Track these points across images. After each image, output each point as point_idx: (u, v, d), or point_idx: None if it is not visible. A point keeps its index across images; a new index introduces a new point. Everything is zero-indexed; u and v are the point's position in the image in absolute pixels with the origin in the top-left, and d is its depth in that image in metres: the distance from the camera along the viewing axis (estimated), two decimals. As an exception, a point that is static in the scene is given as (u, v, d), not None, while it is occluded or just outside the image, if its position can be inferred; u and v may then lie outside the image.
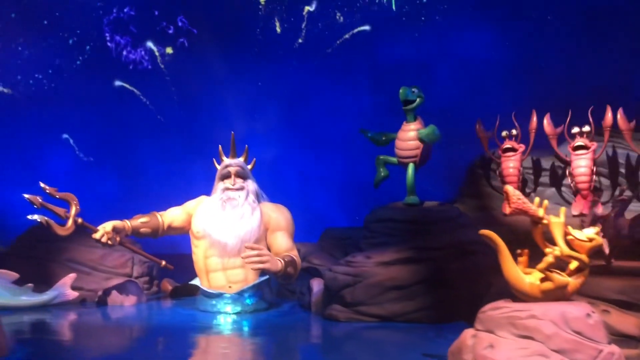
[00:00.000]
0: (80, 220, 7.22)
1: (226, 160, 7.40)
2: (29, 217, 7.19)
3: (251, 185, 7.36)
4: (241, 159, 7.49)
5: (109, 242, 7.04)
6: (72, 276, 7.58)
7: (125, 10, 23.27)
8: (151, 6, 19.14)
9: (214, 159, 7.63)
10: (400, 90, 7.13)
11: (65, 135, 32.37)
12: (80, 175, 33.54)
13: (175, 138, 35.48)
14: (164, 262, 7.70)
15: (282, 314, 7.03)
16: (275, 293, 7.88)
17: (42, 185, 7.25)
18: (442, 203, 7.56)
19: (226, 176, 7.28)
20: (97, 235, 7.03)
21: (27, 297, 7.08)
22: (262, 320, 6.67)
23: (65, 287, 7.49)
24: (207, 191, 7.46)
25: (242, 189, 7.21)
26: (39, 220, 7.03)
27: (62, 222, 7.15)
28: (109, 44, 26.28)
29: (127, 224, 7.33)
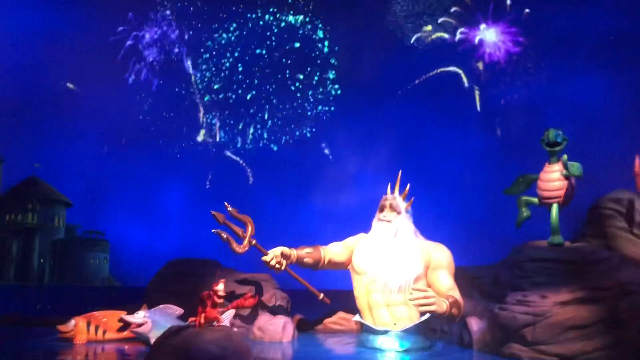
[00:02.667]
0: (254, 241, 7.62)
1: (384, 196, 7.72)
2: (214, 231, 7.57)
3: (403, 220, 7.58)
4: (397, 194, 7.76)
5: (277, 265, 7.44)
6: (231, 312, 7.94)
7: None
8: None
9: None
10: (550, 133, 7.40)
11: (177, 171, 33.28)
12: (192, 210, 34.38)
13: (289, 175, 36.05)
14: (322, 295, 7.94)
15: (443, 352, 7.10)
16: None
17: (225, 204, 7.63)
18: (575, 242, 7.73)
19: (381, 209, 7.60)
20: (267, 258, 7.43)
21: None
22: (428, 358, 6.76)
23: (226, 323, 7.85)
24: (314, 229, 7.85)
25: (394, 220, 7.47)
26: (223, 235, 7.43)
27: (239, 241, 7.56)
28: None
29: (294, 252, 7.68)
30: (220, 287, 4.18)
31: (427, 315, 7.10)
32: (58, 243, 33.96)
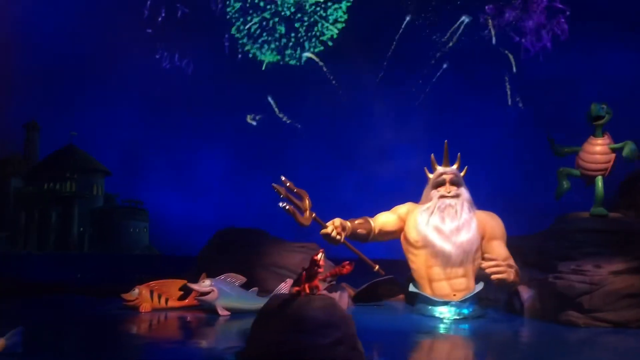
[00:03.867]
0: (314, 214, 7.61)
1: (440, 169, 7.79)
2: (280, 204, 7.45)
3: (465, 193, 7.76)
4: (455, 167, 7.85)
5: (338, 237, 7.51)
6: (289, 281, 8.28)
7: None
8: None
9: (425, 168, 8.07)
10: (592, 107, 7.75)
11: (218, 141, 34.07)
12: (232, 180, 35.07)
13: (324, 145, 36.52)
14: (377, 267, 7.98)
15: (497, 320, 7.37)
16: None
17: (282, 178, 7.62)
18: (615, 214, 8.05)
19: (441, 184, 7.71)
20: (327, 230, 7.50)
21: (255, 301, 7.64)
22: (488, 325, 7.09)
23: (284, 291, 8.22)
24: (349, 200, 7.95)
25: (457, 196, 7.63)
26: (287, 208, 7.40)
27: (301, 213, 7.56)
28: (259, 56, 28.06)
29: (348, 224, 7.77)
30: (319, 257, 4.43)
31: (481, 285, 7.49)
32: (97, 212, 34.82)
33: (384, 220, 8.07)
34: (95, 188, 35.68)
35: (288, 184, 7.58)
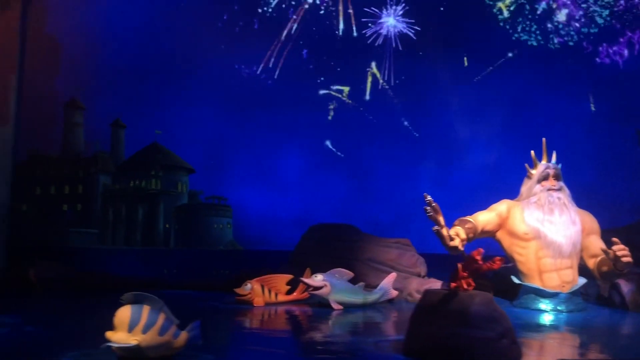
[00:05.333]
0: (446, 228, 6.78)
1: (543, 164, 7.97)
2: (434, 228, 6.41)
3: (566, 187, 7.90)
4: (554, 162, 8.01)
5: (461, 249, 6.83)
6: (393, 275, 8.30)
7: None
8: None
9: (526, 164, 8.14)
10: None
11: (298, 137, 34.46)
12: (311, 176, 35.48)
13: (402, 142, 36.67)
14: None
15: (601, 313, 7.43)
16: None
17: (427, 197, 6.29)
18: None
19: (545, 178, 7.85)
20: (456, 244, 6.71)
21: (362, 295, 7.78)
22: (598, 318, 7.10)
23: (389, 286, 8.20)
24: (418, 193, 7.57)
25: (561, 189, 7.81)
26: (439, 230, 6.43)
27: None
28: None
29: (462, 233, 7.30)
30: (479, 254, 4.36)
31: (585, 279, 7.61)
32: (182, 208, 35.59)
33: (485, 219, 8.09)
34: (180, 185, 36.47)
35: (434, 204, 6.33)
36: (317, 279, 7.61)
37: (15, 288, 9.98)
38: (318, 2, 33.39)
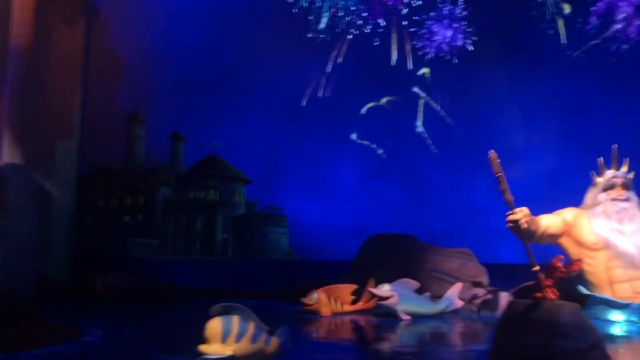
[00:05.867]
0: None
1: (610, 172, 7.79)
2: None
3: (634, 197, 7.73)
4: (624, 170, 7.81)
5: (524, 225, 6.72)
6: (458, 285, 8.25)
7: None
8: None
9: (592, 172, 7.97)
10: None
11: (350, 147, 34.57)
12: (366, 185, 35.47)
13: (455, 149, 36.30)
14: (538, 267, 7.77)
15: None
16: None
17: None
18: None
19: (611, 187, 7.69)
20: (517, 217, 6.55)
21: (429, 306, 7.75)
22: None
23: (455, 296, 8.16)
24: (482, 203, 7.37)
25: (628, 199, 7.63)
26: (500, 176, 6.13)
27: None
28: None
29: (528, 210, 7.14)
30: (559, 259, 4.28)
31: None
32: (239, 218, 35.98)
33: (549, 221, 7.96)
34: (237, 195, 36.90)
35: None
36: (385, 289, 7.65)
37: (82, 297, 10.25)
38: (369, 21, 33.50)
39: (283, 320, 7.58)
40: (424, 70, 34.26)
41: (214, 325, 4.15)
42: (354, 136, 34.91)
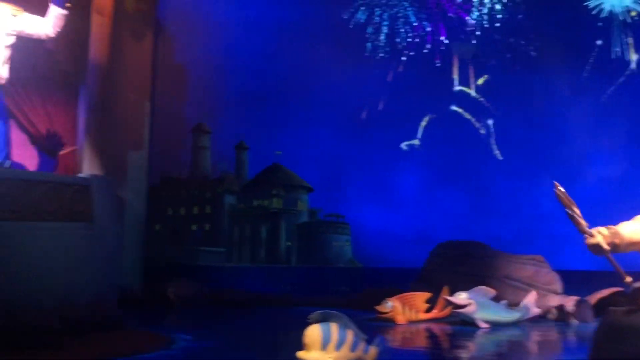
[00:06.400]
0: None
1: None
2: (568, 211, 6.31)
3: None
4: None
5: (607, 247, 6.67)
6: (534, 294, 8.12)
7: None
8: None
9: None
10: None
11: (410, 154, 34.53)
12: (428, 192, 35.38)
13: (520, 156, 35.93)
14: (630, 279, 7.52)
15: None
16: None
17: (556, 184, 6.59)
18: None
19: None
20: (598, 240, 5.77)
21: (506, 314, 7.64)
22: None
23: (532, 304, 8.03)
24: (547, 210, 7.11)
25: None
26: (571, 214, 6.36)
27: None
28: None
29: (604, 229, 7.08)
30: None
31: None
32: (302, 226, 36.15)
33: (632, 228, 7.38)
34: (300, 203, 37.05)
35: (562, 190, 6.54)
36: (462, 297, 7.60)
37: (154, 305, 10.50)
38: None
39: (360, 329, 7.61)
40: (481, 80, 33.85)
41: (314, 333, 4.16)
42: (404, 145, 34.81)
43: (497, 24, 31.75)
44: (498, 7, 31.26)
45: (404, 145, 35.30)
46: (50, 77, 11.04)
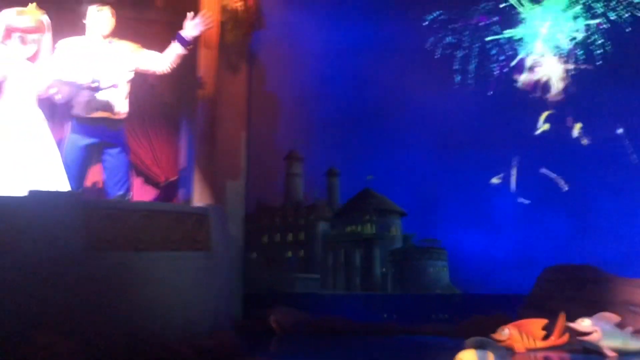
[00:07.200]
0: None
1: None
2: None
3: None
4: None
5: None
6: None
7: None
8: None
9: None
10: None
11: (505, 175, 34.07)
12: (527, 214, 34.64)
13: (624, 173, 34.76)
14: None
15: None
16: None
17: None
18: None
19: None
20: None
21: (633, 341, 7.33)
22: None
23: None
24: None
25: None
26: None
27: None
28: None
29: None
30: None
31: None
32: (397, 252, 35.83)
33: None
34: (393, 229, 36.77)
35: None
36: (586, 324, 7.36)
37: (256, 332, 10.61)
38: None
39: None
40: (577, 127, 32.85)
41: (468, 358, 4.12)
42: (495, 180, 34.14)
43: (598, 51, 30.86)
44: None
45: (495, 180, 34.72)
46: (152, 110, 11.55)
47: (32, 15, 8.92)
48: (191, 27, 9.85)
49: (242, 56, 13.71)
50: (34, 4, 9.04)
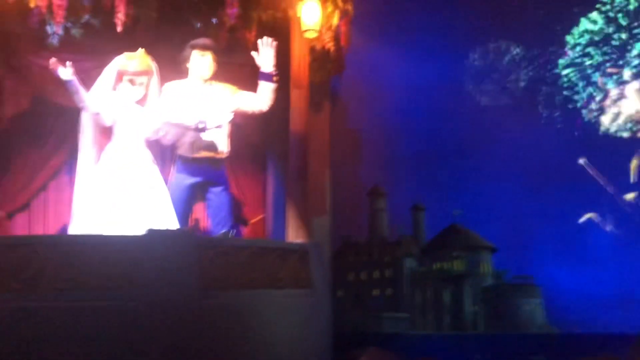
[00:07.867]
0: None
1: None
2: None
3: None
4: None
5: None
6: None
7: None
8: None
9: None
10: None
11: (604, 207, 33.00)
12: (627, 248, 33.41)
13: None
14: None
15: None
16: None
17: None
18: None
19: None
20: None
21: None
22: None
23: None
24: None
25: None
26: None
27: None
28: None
29: None
30: None
31: None
32: (488, 290, 34.77)
33: None
34: (483, 265, 35.79)
35: None
36: None
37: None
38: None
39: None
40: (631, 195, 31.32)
41: None
42: (588, 217, 32.86)
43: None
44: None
45: (584, 218, 33.56)
46: (239, 150, 11.74)
47: (141, 59, 9.32)
48: (262, 60, 10.15)
49: (325, 94, 13.82)
50: (143, 49, 9.44)
